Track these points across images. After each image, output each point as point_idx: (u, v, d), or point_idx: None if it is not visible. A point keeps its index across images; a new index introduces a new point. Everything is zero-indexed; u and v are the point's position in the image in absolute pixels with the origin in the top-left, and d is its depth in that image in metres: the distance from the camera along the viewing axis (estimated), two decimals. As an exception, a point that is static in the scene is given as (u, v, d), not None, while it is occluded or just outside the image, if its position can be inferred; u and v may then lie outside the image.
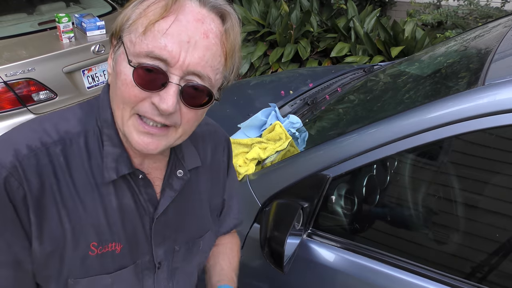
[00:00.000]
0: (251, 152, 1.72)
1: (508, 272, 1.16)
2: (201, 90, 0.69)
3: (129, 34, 0.68)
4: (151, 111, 0.68)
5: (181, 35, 0.65)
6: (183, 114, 0.71)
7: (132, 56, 0.67)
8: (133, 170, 0.76)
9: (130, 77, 0.67)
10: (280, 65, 4.85)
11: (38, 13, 3.62)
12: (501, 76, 1.14)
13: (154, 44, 0.65)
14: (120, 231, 0.77)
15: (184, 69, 0.66)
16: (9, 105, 2.86)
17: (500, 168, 1.19)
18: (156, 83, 0.66)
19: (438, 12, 4.59)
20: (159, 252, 0.84)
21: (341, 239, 1.34)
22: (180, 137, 0.74)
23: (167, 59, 0.65)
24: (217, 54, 0.69)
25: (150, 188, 0.80)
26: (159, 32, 0.65)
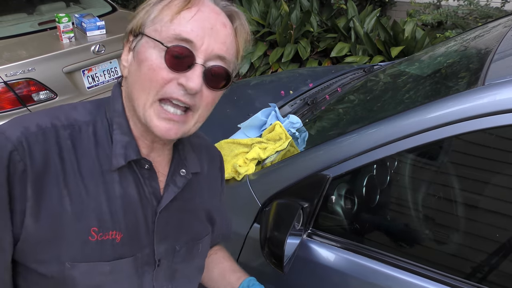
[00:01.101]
0: (251, 152, 1.72)
1: (508, 272, 1.16)
2: (222, 72, 0.76)
3: (153, 25, 0.74)
4: (177, 91, 0.73)
5: (205, 23, 0.73)
6: (204, 97, 0.76)
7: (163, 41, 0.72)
8: (140, 157, 0.79)
9: (158, 60, 0.72)
10: (280, 65, 4.85)
11: (38, 13, 3.63)
12: (501, 76, 1.14)
13: (181, 28, 0.72)
14: (121, 220, 0.78)
15: (209, 52, 0.73)
16: (9, 105, 2.86)
17: (500, 168, 1.19)
18: (184, 64, 0.72)
19: (438, 12, 4.59)
20: (160, 249, 0.84)
21: (341, 239, 1.34)
22: (196, 123, 0.79)
23: (193, 41, 0.72)
24: (233, 44, 0.77)
25: (154, 181, 0.82)
26: (184, 19, 0.72)
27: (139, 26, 0.76)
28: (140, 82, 0.74)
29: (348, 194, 1.40)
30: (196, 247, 0.93)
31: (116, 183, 0.78)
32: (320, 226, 1.38)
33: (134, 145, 0.79)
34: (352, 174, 1.33)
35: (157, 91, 0.73)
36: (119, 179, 0.78)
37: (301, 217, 1.36)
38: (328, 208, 1.37)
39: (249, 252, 1.46)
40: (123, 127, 0.79)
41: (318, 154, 1.39)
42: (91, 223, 0.75)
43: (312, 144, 1.67)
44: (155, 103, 0.74)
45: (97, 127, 0.78)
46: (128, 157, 0.77)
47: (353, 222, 1.41)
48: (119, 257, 0.78)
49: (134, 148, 0.78)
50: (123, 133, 0.78)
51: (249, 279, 1.06)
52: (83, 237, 0.74)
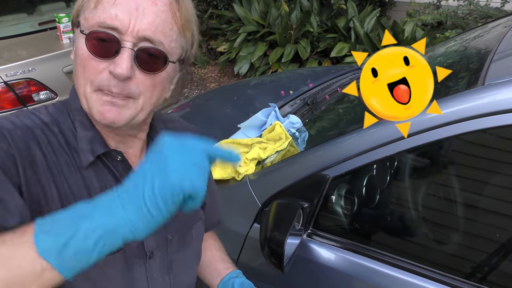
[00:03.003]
0: (251, 152, 1.72)
1: (508, 272, 1.17)
2: (155, 54, 0.71)
3: (84, 13, 0.71)
4: (108, 82, 0.69)
5: (129, 4, 0.68)
6: (140, 82, 0.72)
7: (86, 30, 0.70)
8: (108, 150, 0.77)
9: (86, 49, 0.69)
10: (280, 65, 4.85)
11: (38, 13, 3.63)
12: (501, 76, 1.14)
13: (104, 15, 0.68)
14: None
15: (135, 35, 0.69)
16: (9, 105, 2.86)
17: (500, 168, 1.19)
18: (110, 51, 0.69)
19: (438, 12, 4.59)
20: (150, 241, 0.82)
21: (341, 239, 1.34)
22: (142, 109, 0.75)
23: (118, 27, 0.68)
24: (167, 21, 0.72)
25: (130, 172, 0.79)
26: (108, 3, 0.68)
27: (75, 15, 0.74)
28: (77, 73, 0.72)
29: (348, 194, 1.40)
30: (189, 234, 0.91)
31: (93, 177, 0.76)
32: (320, 226, 1.38)
33: (99, 138, 0.77)
34: (352, 174, 1.33)
35: (91, 81, 0.70)
36: (94, 174, 0.76)
37: (301, 217, 1.36)
38: (328, 208, 1.37)
39: (249, 252, 1.46)
40: (85, 124, 0.77)
41: (318, 154, 1.39)
42: None
43: (312, 144, 1.67)
44: (95, 91, 0.71)
45: (61, 126, 0.76)
46: (96, 151, 0.76)
47: (353, 222, 1.41)
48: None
49: (99, 141, 0.76)
50: (86, 128, 0.76)
51: (237, 271, 1.05)
52: None
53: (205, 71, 5.69)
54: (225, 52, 5.43)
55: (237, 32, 5.35)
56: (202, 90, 5.22)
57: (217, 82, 5.41)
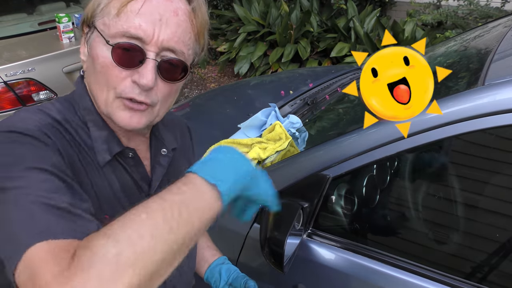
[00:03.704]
0: (251, 152, 1.72)
1: (508, 272, 1.17)
2: (177, 64, 0.74)
3: (102, 18, 0.71)
4: (132, 90, 0.71)
5: (153, 14, 0.69)
6: (160, 90, 0.74)
7: (109, 38, 0.70)
8: (123, 148, 0.79)
9: (109, 58, 0.70)
10: (280, 65, 4.85)
11: (38, 13, 3.63)
12: (501, 76, 1.14)
13: (128, 24, 0.69)
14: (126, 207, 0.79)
15: (159, 45, 0.70)
16: (9, 105, 2.86)
17: (500, 168, 1.19)
18: (134, 61, 0.70)
19: (438, 12, 4.59)
20: None
21: (341, 239, 1.34)
22: (158, 114, 0.78)
23: (142, 37, 0.69)
24: (187, 31, 0.74)
25: (141, 167, 0.83)
26: (132, 13, 0.69)
27: (90, 17, 0.73)
28: (97, 80, 0.73)
29: (348, 194, 1.40)
30: None
31: (112, 174, 0.78)
32: (320, 226, 1.38)
33: (115, 137, 0.79)
34: (352, 174, 1.33)
35: (114, 88, 0.72)
36: (112, 171, 0.79)
37: (301, 217, 1.36)
38: (328, 208, 1.37)
39: (249, 252, 1.46)
40: (98, 123, 0.78)
41: (318, 154, 1.39)
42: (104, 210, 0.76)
43: (312, 144, 1.67)
44: (117, 99, 0.73)
45: (72, 125, 0.77)
46: (113, 150, 0.78)
47: (353, 222, 1.41)
48: None
49: (115, 140, 0.78)
50: (99, 128, 0.78)
51: (223, 257, 1.10)
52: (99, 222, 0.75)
53: (205, 71, 5.69)
54: (225, 52, 5.43)
55: (237, 32, 5.35)
56: (202, 90, 5.22)
57: (217, 82, 5.41)
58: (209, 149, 1.80)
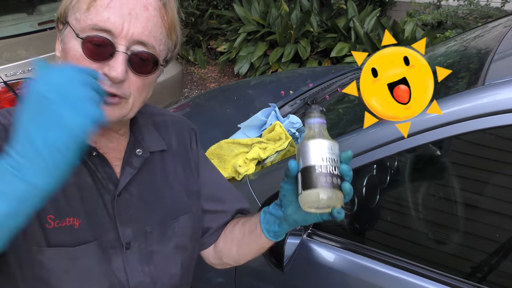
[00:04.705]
0: (251, 152, 1.72)
1: (508, 272, 1.17)
2: (147, 58, 0.74)
3: (74, 14, 0.72)
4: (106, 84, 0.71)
5: (122, 8, 0.71)
6: (132, 83, 0.75)
7: (79, 31, 0.71)
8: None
9: (80, 51, 0.71)
10: (280, 65, 4.85)
11: (38, 13, 3.62)
12: (501, 76, 1.14)
13: (97, 17, 0.70)
14: (79, 207, 0.79)
15: (129, 38, 0.71)
16: (9, 105, 2.86)
17: (500, 168, 1.20)
18: (105, 54, 0.71)
19: (438, 12, 4.59)
20: (127, 232, 0.84)
21: (341, 239, 1.34)
22: (132, 108, 0.78)
23: (111, 30, 0.70)
24: (158, 26, 0.75)
25: (108, 166, 0.82)
26: (101, 7, 0.70)
27: (63, 13, 0.75)
28: None
29: (348, 194, 1.40)
30: (171, 227, 0.90)
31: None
32: (320, 226, 1.38)
33: None
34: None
35: None
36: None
37: (301, 217, 1.36)
38: (328, 208, 1.37)
39: (249, 252, 1.46)
40: None
41: (318, 154, 1.39)
42: (47, 211, 0.75)
43: (312, 144, 1.67)
44: None
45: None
46: None
47: (353, 222, 1.41)
48: (81, 242, 0.78)
49: None
50: None
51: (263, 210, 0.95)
52: (41, 224, 0.75)
53: (205, 71, 5.69)
54: (225, 52, 5.43)
55: (237, 32, 5.35)
56: (202, 90, 5.22)
57: (217, 82, 5.41)
58: (210, 149, 1.80)
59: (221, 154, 1.76)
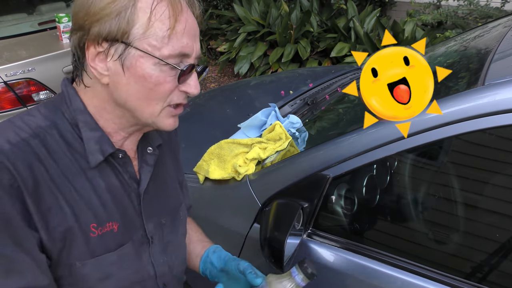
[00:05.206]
0: (251, 152, 1.72)
1: (508, 272, 1.17)
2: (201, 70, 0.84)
3: (147, 39, 0.73)
4: (182, 99, 0.80)
5: (191, 31, 0.77)
6: None
7: (162, 57, 0.75)
8: (115, 149, 0.82)
9: (162, 76, 0.75)
10: (280, 65, 4.85)
11: (38, 13, 3.63)
12: (501, 76, 1.14)
13: (180, 44, 0.75)
14: (113, 210, 0.82)
15: (196, 56, 0.79)
16: (9, 105, 2.86)
17: (500, 168, 1.19)
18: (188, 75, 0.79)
19: (438, 12, 4.59)
20: (150, 227, 0.89)
21: (341, 239, 1.34)
22: None
23: (189, 54, 0.77)
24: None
25: (130, 166, 0.86)
26: (179, 33, 0.75)
27: (121, 34, 0.72)
28: (144, 95, 0.76)
29: (348, 194, 1.40)
30: (178, 216, 0.98)
31: (98, 177, 0.80)
32: (320, 226, 1.38)
33: (107, 138, 0.81)
34: (352, 174, 1.33)
35: (164, 101, 0.78)
36: (99, 173, 0.80)
37: (301, 217, 1.36)
38: (328, 208, 1.37)
39: (249, 252, 1.46)
40: (90, 124, 0.79)
41: (318, 154, 1.39)
42: (89, 220, 0.78)
43: (312, 144, 1.67)
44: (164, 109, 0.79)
45: (60, 129, 0.78)
46: (105, 151, 0.80)
47: (353, 222, 1.41)
48: (120, 245, 0.83)
49: (107, 141, 0.81)
50: (92, 129, 0.79)
51: (214, 246, 1.11)
52: (86, 235, 0.77)
53: (205, 71, 5.68)
54: (225, 52, 5.43)
55: (237, 32, 5.35)
56: (202, 90, 5.22)
57: (217, 82, 5.41)
58: (210, 149, 1.80)
59: (221, 154, 1.76)
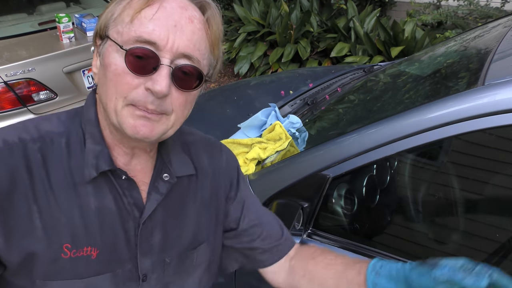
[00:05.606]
0: (251, 152, 1.72)
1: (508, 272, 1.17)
2: (191, 72, 0.71)
3: (116, 27, 0.69)
4: (144, 98, 0.68)
5: (168, 20, 0.67)
6: (174, 99, 0.71)
7: (122, 44, 0.68)
8: (113, 168, 0.74)
9: (122, 65, 0.67)
10: (280, 65, 4.85)
11: (38, 13, 3.63)
12: (501, 76, 1.14)
13: (142, 29, 0.67)
14: (97, 235, 0.74)
15: (174, 51, 0.68)
16: (9, 105, 2.86)
17: (500, 168, 1.20)
18: (148, 67, 0.67)
19: (438, 12, 4.59)
20: (146, 264, 0.79)
21: (341, 239, 1.34)
22: (173, 126, 0.74)
23: (156, 42, 0.67)
24: (202, 39, 0.72)
25: (135, 190, 0.77)
26: (145, 18, 0.67)
27: (103, 28, 0.71)
28: (108, 88, 0.69)
29: (348, 194, 1.40)
30: (189, 258, 0.85)
31: (91, 195, 0.73)
32: (320, 226, 1.38)
33: (106, 154, 0.74)
34: (352, 174, 1.33)
35: (124, 97, 0.68)
36: (93, 191, 0.73)
37: (301, 217, 1.36)
38: (328, 208, 1.37)
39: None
40: (95, 136, 0.75)
41: (318, 154, 1.39)
42: (63, 239, 0.71)
43: (312, 144, 1.67)
44: (127, 106, 0.69)
45: (71, 138, 0.74)
46: (100, 167, 0.73)
47: (353, 222, 1.41)
48: (95, 274, 0.74)
49: (106, 157, 0.74)
50: (95, 142, 0.74)
51: (372, 264, 0.81)
52: (55, 254, 0.71)
53: (205, 71, 5.68)
54: (225, 52, 5.43)
55: (237, 32, 5.35)
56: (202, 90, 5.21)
57: (217, 82, 5.41)
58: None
59: (221, 154, 1.76)
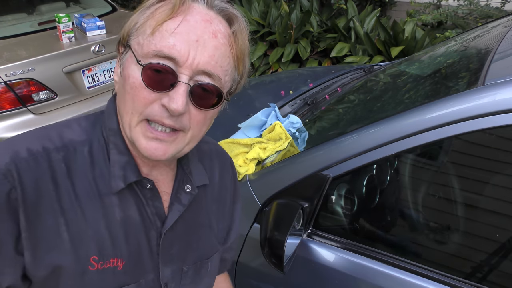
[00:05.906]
0: (251, 152, 1.72)
1: (508, 272, 1.16)
2: (211, 90, 0.68)
3: (137, 37, 0.68)
4: (160, 113, 0.66)
5: (190, 34, 0.65)
6: (192, 116, 0.69)
7: (141, 57, 0.66)
8: (141, 178, 0.74)
9: (139, 79, 0.66)
10: (280, 65, 4.85)
11: (38, 13, 3.63)
12: (501, 76, 1.14)
13: (162, 43, 0.64)
14: (123, 246, 0.74)
15: (194, 68, 0.65)
16: (9, 105, 2.86)
17: (500, 168, 1.19)
18: (165, 83, 0.65)
19: (438, 12, 4.59)
20: (166, 272, 0.80)
21: (341, 239, 1.34)
22: (189, 143, 0.72)
23: (175, 58, 0.64)
24: (226, 55, 0.69)
25: (158, 201, 0.77)
26: (167, 32, 0.65)
27: (125, 36, 0.70)
28: (125, 101, 0.68)
29: (348, 194, 1.40)
30: (204, 267, 0.87)
31: (116, 206, 0.73)
32: (320, 226, 1.38)
33: (133, 165, 0.73)
34: (352, 174, 1.33)
35: (140, 112, 0.67)
36: (118, 202, 0.73)
37: (301, 217, 1.36)
38: (328, 208, 1.37)
39: (249, 252, 1.46)
40: (119, 147, 0.73)
41: (318, 154, 1.39)
42: (91, 252, 0.70)
43: (312, 144, 1.67)
44: (142, 122, 0.68)
45: (94, 146, 0.73)
46: (128, 179, 0.72)
47: (353, 222, 1.41)
48: (120, 285, 0.74)
49: (133, 168, 0.73)
50: (120, 152, 0.73)
51: None
52: (82, 267, 0.70)
53: (205, 71, 5.68)
54: (225, 52, 5.42)
55: (237, 32, 5.35)
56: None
57: (217, 82, 5.41)
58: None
59: (221, 154, 1.76)
